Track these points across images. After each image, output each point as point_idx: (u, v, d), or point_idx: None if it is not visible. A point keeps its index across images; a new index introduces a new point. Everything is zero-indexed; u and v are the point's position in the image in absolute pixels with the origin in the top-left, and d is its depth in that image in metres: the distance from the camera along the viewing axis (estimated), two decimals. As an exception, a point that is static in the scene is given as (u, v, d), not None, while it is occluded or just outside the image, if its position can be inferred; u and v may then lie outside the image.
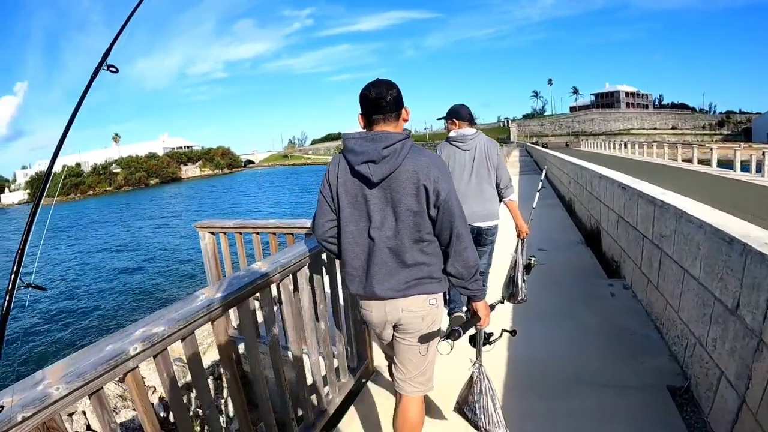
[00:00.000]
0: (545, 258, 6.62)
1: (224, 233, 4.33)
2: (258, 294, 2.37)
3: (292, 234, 3.87)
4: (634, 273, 5.16)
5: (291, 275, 2.66)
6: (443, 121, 4.28)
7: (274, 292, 2.56)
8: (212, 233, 4.36)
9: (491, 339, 2.57)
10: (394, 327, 2.36)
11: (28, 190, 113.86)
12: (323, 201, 2.29)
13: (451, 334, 2.08)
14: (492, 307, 2.50)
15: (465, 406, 2.63)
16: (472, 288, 2.28)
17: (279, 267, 2.45)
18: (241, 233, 4.18)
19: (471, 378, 2.59)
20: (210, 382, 5.50)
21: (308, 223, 3.50)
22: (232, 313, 2.44)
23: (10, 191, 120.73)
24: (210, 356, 5.40)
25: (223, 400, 5.05)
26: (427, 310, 2.28)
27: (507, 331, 2.68)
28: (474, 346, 2.54)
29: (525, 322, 4.56)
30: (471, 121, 4.17)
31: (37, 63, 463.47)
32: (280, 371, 2.56)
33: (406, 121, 2.26)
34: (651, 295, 4.47)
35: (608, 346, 4.03)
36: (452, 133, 4.14)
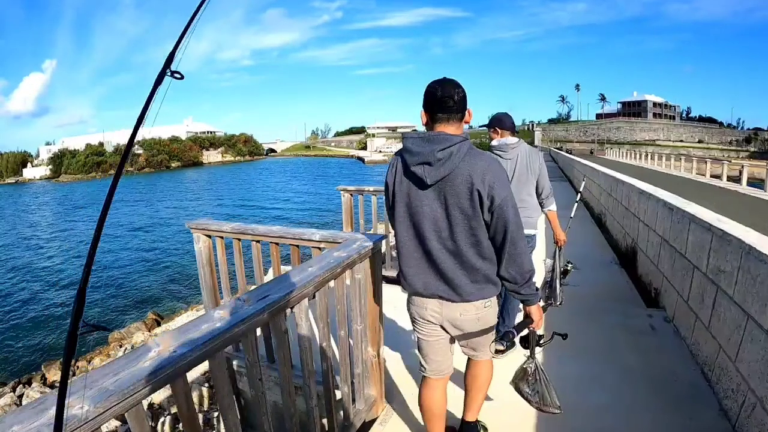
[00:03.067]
0: (578, 279, 6.13)
1: (221, 237, 3.81)
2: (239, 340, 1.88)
3: (297, 246, 3.30)
4: (678, 305, 4.62)
5: (289, 308, 2.20)
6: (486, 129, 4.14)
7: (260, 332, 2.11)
8: (208, 236, 3.84)
9: (542, 341, 2.55)
10: (449, 323, 2.40)
11: (50, 166, 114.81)
12: (386, 204, 2.43)
13: (505, 336, 2.18)
14: (544, 309, 2.55)
15: (520, 385, 2.59)
16: (524, 293, 2.30)
17: (267, 306, 1.93)
18: (239, 240, 3.65)
19: (525, 371, 2.55)
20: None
21: (316, 234, 3.05)
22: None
23: (33, 166, 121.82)
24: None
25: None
26: (482, 312, 2.36)
27: (558, 334, 2.60)
28: (525, 347, 2.49)
29: (558, 356, 4.05)
30: (513, 129, 4.05)
31: (67, 42, 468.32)
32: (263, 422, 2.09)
33: (468, 123, 2.27)
34: (699, 335, 3.93)
35: (651, 395, 3.53)
36: (494, 142, 4.04)
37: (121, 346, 11.86)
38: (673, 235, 4.99)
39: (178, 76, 1.23)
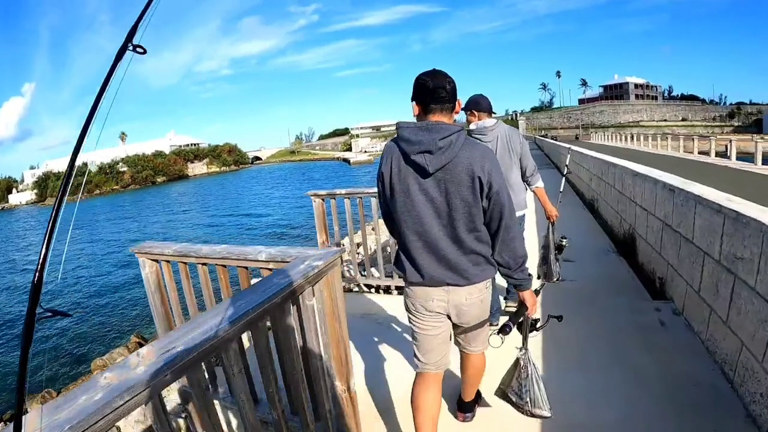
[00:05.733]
0: (575, 272, 5.70)
1: (167, 261, 3.33)
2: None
3: (246, 268, 2.80)
4: (688, 296, 4.18)
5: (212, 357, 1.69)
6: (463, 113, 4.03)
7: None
8: (154, 260, 3.35)
9: (538, 325, 2.60)
10: (453, 313, 2.43)
11: (35, 191, 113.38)
12: (379, 194, 2.42)
13: (503, 329, 2.24)
14: (537, 292, 2.58)
15: (509, 390, 2.64)
16: (518, 277, 2.36)
17: (167, 364, 1.41)
18: (185, 263, 3.16)
19: (517, 362, 2.61)
20: None
21: (263, 253, 2.55)
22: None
23: (18, 192, 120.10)
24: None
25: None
26: (485, 294, 2.43)
27: (553, 316, 2.71)
28: (521, 332, 2.56)
29: (561, 363, 3.67)
30: (490, 111, 3.98)
31: (45, 64, 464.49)
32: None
33: (457, 113, 2.30)
34: (716, 330, 3.49)
35: (667, 402, 3.09)
36: (472, 126, 3.98)
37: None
38: (676, 219, 4.54)
39: (141, 50, 1.19)
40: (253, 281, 2.78)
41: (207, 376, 3.02)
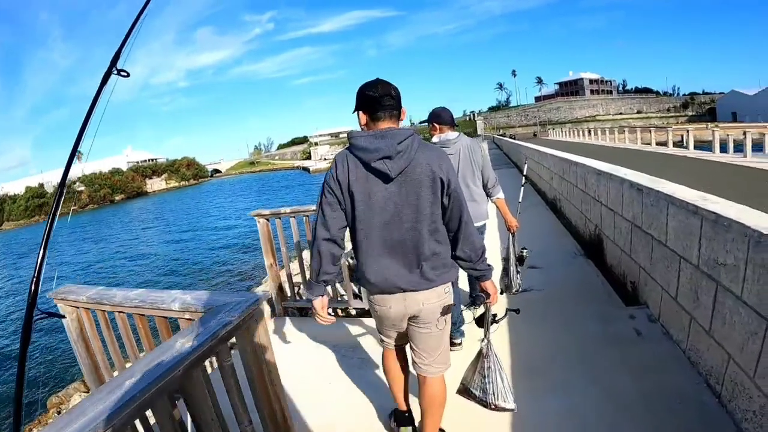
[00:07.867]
0: (542, 279, 5.44)
1: (86, 308, 2.87)
2: None
3: (165, 318, 2.38)
4: (664, 302, 3.91)
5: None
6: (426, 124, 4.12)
7: None
8: (75, 307, 2.90)
9: (497, 318, 2.64)
10: (411, 318, 2.47)
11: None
12: (330, 202, 2.30)
13: (473, 302, 2.61)
14: (501, 291, 2.79)
15: (471, 385, 2.63)
16: (480, 268, 2.44)
17: None
18: (104, 312, 2.73)
19: (480, 353, 2.61)
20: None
21: (176, 302, 2.14)
22: None
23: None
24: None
25: None
26: (444, 299, 2.44)
27: (511, 310, 2.76)
28: (481, 326, 2.62)
29: (528, 386, 3.32)
30: (452, 123, 4.00)
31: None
32: None
33: (402, 120, 2.32)
34: (698, 341, 3.22)
35: (652, 424, 2.81)
36: (435, 139, 3.98)
37: (59, 413, 10.65)
38: (647, 220, 4.28)
39: (125, 74, 1.38)
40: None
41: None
